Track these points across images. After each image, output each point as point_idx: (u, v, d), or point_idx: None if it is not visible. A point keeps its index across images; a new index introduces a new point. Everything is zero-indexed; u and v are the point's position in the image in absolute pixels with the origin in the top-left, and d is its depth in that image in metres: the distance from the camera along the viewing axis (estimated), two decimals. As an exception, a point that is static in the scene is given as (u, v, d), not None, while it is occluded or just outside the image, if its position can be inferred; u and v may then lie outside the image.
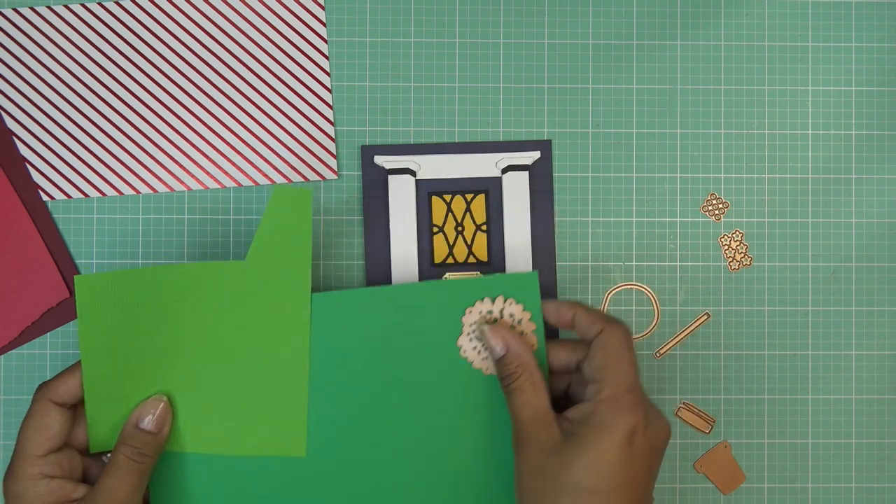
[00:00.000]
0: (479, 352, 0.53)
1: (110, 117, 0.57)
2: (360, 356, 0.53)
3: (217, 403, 0.53)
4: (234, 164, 0.57)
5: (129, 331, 0.51)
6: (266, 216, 0.51)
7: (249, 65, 0.57)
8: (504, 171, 0.58)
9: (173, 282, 0.51)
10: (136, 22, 0.57)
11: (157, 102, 0.57)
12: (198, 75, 0.57)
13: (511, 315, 0.53)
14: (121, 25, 0.57)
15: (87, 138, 0.57)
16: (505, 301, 0.53)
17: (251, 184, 0.57)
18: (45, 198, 0.57)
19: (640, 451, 0.48)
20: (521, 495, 0.49)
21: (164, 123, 0.57)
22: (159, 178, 0.57)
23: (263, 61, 0.57)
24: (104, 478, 0.49)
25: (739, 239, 0.58)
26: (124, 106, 0.57)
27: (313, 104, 0.58)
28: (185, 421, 0.52)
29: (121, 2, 0.57)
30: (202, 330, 0.52)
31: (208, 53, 0.57)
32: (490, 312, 0.53)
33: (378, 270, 0.57)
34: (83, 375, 0.50)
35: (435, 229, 0.58)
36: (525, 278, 0.53)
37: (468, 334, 0.53)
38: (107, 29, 0.57)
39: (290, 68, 0.57)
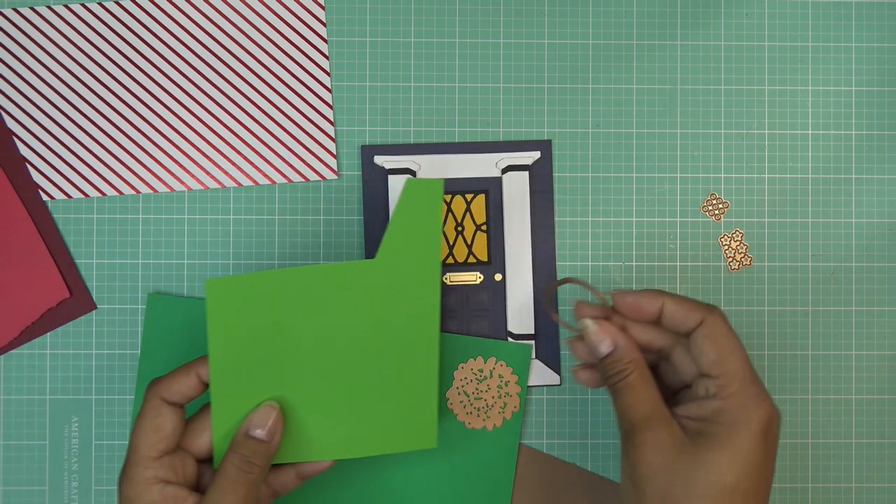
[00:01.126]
0: (465, 406, 0.56)
1: (110, 117, 0.57)
2: None
3: (345, 405, 0.51)
4: (234, 164, 0.57)
5: (257, 336, 0.49)
6: (398, 211, 0.49)
7: (249, 65, 0.57)
8: (504, 171, 0.58)
9: (301, 284, 0.49)
10: (136, 22, 0.57)
11: (157, 102, 0.57)
12: (198, 75, 0.57)
13: (500, 376, 0.56)
14: (121, 25, 0.57)
15: (87, 138, 0.57)
16: (496, 363, 0.57)
17: (251, 184, 0.57)
18: (45, 198, 0.57)
19: (775, 442, 0.47)
20: (642, 498, 0.46)
21: (164, 123, 0.57)
22: (159, 178, 0.57)
23: (263, 61, 0.57)
24: (211, 490, 0.47)
25: (739, 239, 0.58)
26: (124, 106, 0.57)
27: (313, 104, 0.58)
28: (312, 428, 0.50)
29: (121, 2, 0.57)
30: (330, 332, 0.50)
31: (208, 53, 0.57)
32: (481, 371, 0.56)
33: (378, 270, 0.57)
34: (211, 387, 0.49)
35: (435, 229, 0.58)
36: (520, 348, 0.57)
37: (457, 388, 0.56)
38: (107, 29, 0.57)
39: (290, 68, 0.57)
